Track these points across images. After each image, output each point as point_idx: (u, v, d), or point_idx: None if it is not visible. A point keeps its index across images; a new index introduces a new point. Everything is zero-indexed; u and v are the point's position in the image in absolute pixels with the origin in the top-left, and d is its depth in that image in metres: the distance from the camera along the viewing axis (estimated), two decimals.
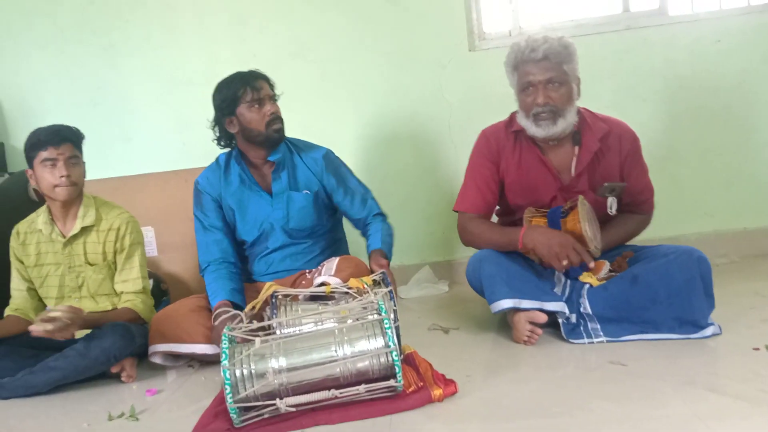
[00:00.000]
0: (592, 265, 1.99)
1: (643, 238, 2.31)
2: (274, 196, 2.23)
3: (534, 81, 2.02)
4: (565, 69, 2.02)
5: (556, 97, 2.01)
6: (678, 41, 2.85)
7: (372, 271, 2.03)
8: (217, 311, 2.04)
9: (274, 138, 2.17)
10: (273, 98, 2.19)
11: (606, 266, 2.05)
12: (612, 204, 2.07)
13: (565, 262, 1.93)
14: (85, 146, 2.24)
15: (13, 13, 3.12)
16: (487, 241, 2.13)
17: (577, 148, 2.10)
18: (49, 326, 1.89)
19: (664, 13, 2.91)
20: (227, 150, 2.31)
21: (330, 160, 2.29)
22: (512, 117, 2.19)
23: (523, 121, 2.08)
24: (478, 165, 2.21)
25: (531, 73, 2.02)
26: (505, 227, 2.17)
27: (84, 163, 2.20)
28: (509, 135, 2.17)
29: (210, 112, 2.25)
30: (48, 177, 2.11)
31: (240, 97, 2.13)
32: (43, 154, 2.10)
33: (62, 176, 2.10)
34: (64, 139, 2.12)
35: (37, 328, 1.90)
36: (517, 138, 2.16)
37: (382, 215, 2.29)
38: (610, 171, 2.11)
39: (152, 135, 3.13)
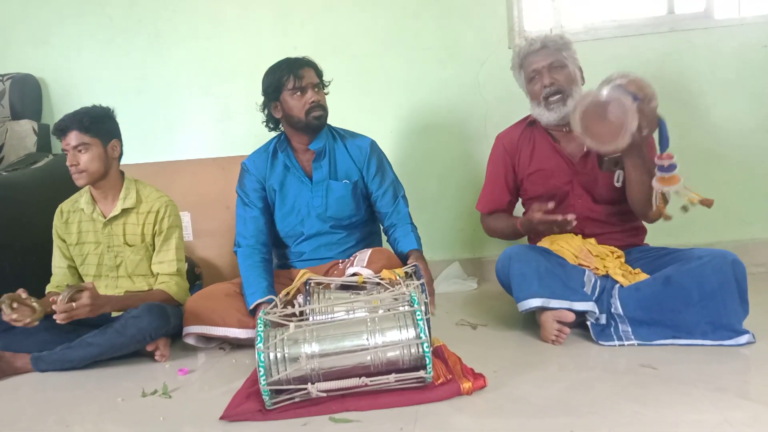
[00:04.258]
0: (570, 217, 1.99)
1: (679, 243, 2.28)
2: (314, 184, 2.27)
3: (538, 68, 2.20)
4: (564, 54, 2.20)
5: (560, 78, 2.18)
6: (723, 45, 2.79)
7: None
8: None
9: (313, 125, 2.20)
10: (317, 86, 2.22)
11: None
12: (618, 176, 2.11)
13: (542, 228, 2.09)
14: (129, 132, 2.30)
15: (65, 1, 3.21)
16: (498, 231, 2.38)
17: None
18: (63, 316, 1.94)
19: (709, 17, 2.86)
20: (275, 134, 2.35)
21: (375, 148, 2.34)
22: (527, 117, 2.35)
23: (537, 111, 2.24)
24: (494, 167, 2.39)
25: (534, 62, 2.21)
26: (510, 217, 2.35)
27: (107, 144, 2.21)
28: (523, 130, 2.32)
29: (250, 103, 2.31)
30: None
31: (284, 84, 2.18)
32: (62, 144, 2.19)
33: (70, 165, 2.17)
34: (66, 129, 2.17)
35: (61, 318, 1.94)
36: (532, 130, 2.30)
37: (412, 224, 2.31)
38: None
39: (194, 123, 3.19)
